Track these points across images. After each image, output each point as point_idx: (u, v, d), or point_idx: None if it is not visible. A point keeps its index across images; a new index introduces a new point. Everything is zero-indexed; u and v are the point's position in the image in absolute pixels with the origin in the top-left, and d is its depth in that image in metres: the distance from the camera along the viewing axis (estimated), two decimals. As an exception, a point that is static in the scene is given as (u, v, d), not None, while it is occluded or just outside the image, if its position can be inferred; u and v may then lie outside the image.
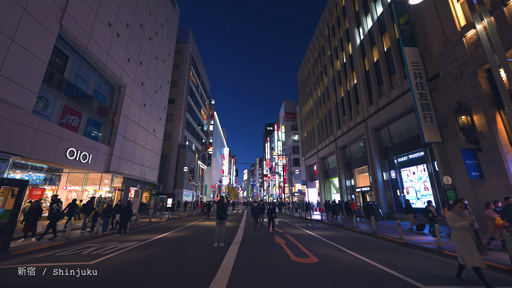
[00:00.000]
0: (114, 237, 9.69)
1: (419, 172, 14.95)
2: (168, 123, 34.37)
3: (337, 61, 26.94)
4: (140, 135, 23.62)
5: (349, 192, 24.03)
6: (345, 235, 10.73)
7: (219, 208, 8.27)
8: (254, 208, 12.78)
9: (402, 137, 16.49)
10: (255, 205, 12.99)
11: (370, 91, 19.81)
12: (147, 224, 14.17)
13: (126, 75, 21.04)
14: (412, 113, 15.30)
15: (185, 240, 8.77)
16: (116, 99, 20.84)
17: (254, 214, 12.63)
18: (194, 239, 9.17)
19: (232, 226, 13.43)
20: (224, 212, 8.22)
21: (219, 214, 8.15)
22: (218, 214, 8.17)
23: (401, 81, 15.50)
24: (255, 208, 12.72)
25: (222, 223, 8.13)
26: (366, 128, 19.76)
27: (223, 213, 8.18)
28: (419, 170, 14.95)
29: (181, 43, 39.76)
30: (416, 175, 15.17)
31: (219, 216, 8.14)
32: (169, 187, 31.81)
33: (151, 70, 26.15)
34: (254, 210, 12.64)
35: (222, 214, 8.15)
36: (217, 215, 8.19)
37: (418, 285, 4.31)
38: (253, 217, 12.61)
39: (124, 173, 20.79)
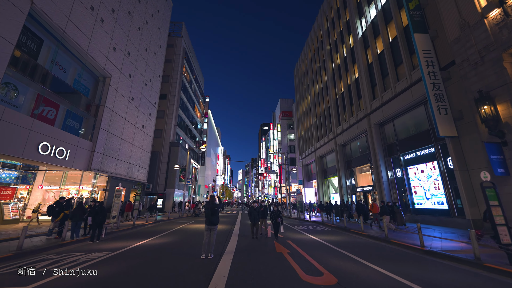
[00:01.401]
0: (83, 245, 8.16)
1: (428, 170, 13.82)
2: (159, 120, 32.68)
3: (336, 56, 25.80)
4: (127, 131, 21.96)
5: (349, 192, 22.87)
6: (354, 240, 9.44)
7: (209, 211, 6.80)
8: (252, 209, 9.83)
9: (409, 132, 15.36)
10: (254, 206, 9.97)
11: (373, 85, 18.67)
12: (130, 228, 12.64)
13: (111, 65, 19.38)
14: (421, 107, 14.18)
15: (167, 250, 7.31)
16: (100, 91, 19.18)
17: (253, 218, 9.67)
18: (178, 247, 7.72)
19: (224, 230, 12.02)
20: (216, 215, 6.77)
21: (209, 219, 6.71)
22: (208, 219, 6.73)
23: (409, 72, 14.36)
24: (254, 210, 9.82)
25: (212, 229, 6.69)
26: (369, 124, 18.61)
27: (214, 217, 6.73)
28: (428, 168, 13.82)
29: (173, 36, 38.09)
30: (425, 174, 14.04)
31: (209, 221, 6.70)
32: (159, 186, 30.14)
33: (140, 62, 24.50)
34: (253, 213, 9.72)
35: (213, 218, 6.69)
36: (207, 220, 6.75)
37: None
38: (251, 222, 9.70)
39: (108, 171, 19.14)
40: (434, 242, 8.20)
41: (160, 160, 31.17)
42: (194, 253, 6.85)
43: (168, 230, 12.17)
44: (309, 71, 35.16)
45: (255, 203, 10.53)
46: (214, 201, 7.01)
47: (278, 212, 9.92)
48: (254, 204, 10.26)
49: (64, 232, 8.30)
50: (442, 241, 8.38)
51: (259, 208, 10.21)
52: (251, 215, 9.80)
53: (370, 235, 10.16)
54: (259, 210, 10.12)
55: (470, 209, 10.53)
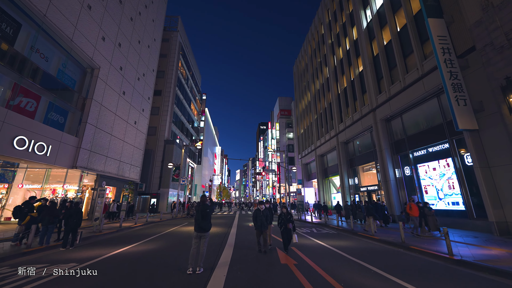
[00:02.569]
0: (52, 253, 6.93)
1: (441, 168, 12.75)
2: (154, 117, 31.42)
3: (339, 49, 24.72)
4: (118, 127, 20.68)
5: (352, 191, 21.80)
6: (367, 246, 8.31)
7: (198, 214, 5.55)
8: (258, 213, 7.31)
9: (419, 127, 14.29)
10: (262, 208, 7.50)
11: (379, 78, 17.60)
12: (115, 231, 11.39)
13: (100, 56, 18.10)
14: (433, 99, 13.11)
15: (148, 260, 6.09)
16: (88, 83, 17.88)
17: (259, 225, 7.14)
18: (162, 257, 6.50)
19: (218, 234, 10.84)
20: (207, 220, 5.53)
21: (199, 223, 5.46)
22: (198, 223, 5.48)
23: (421, 62, 13.29)
24: (261, 214, 7.29)
25: (203, 236, 5.46)
26: (375, 120, 17.53)
27: (205, 222, 5.48)
28: (441, 165, 12.76)
29: (169, 31, 36.80)
30: (438, 172, 12.98)
31: (198, 227, 5.45)
32: (153, 186, 28.84)
33: (132, 54, 23.21)
34: (259, 217, 7.22)
35: (203, 223, 5.45)
36: (196, 225, 5.51)
37: None
38: (257, 230, 7.23)
39: (96, 170, 17.86)
40: (460, 249, 7.09)
41: (154, 159, 29.89)
42: (180, 265, 5.66)
43: (157, 233, 10.95)
44: (309, 67, 34.07)
45: (262, 204, 7.61)
46: (205, 201, 5.81)
47: (289, 215, 7.36)
48: (261, 206, 7.54)
49: (30, 237, 7.07)
50: (469, 248, 7.27)
51: (267, 211, 7.57)
52: (256, 220, 7.23)
53: (383, 240, 9.04)
54: (268, 214, 7.51)
55: (493, 211, 9.46)
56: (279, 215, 7.52)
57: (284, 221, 7.28)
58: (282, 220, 7.35)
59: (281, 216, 7.44)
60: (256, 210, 7.53)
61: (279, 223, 7.40)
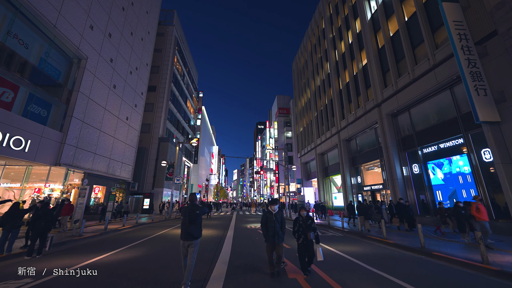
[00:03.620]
0: (12, 263, 5.80)
1: (455, 165, 11.83)
2: (148, 113, 30.20)
3: (340, 44, 23.80)
4: (107, 122, 19.48)
5: (354, 191, 20.87)
6: (382, 252, 7.31)
7: (186, 217, 4.52)
8: (269, 217, 5.19)
9: (429, 122, 13.37)
10: (274, 210, 5.30)
11: (385, 71, 16.67)
12: (98, 234, 10.25)
13: (88, 46, 16.91)
14: (446, 91, 12.19)
15: (125, 273, 4.99)
16: (75, 74, 16.68)
17: (270, 235, 5.04)
18: (144, 268, 5.40)
19: (213, 238, 9.77)
20: (196, 224, 4.48)
21: (187, 229, 4.39)
22: (185, 229, 4.44)
23: (432, 51, 12.36)
24: (272, 219, 5.15)
25: (191, 245, 4.38)
26: (380, 115, 16.60)
27: (194, 227, 4.42)
28: (455, 162, 11.83)
29: (164, 25, 35.60)
30: (450, 169, 12.05)
31: (185, 233, 4.40)
32: (147, 185, 27.63)
33: (124, 46, 22.01)
34: (270, 224, 5.12)
35: (191, 229, 4.38)
36: (183, 231, 4.47)
37: None
38: (267, 243, 5.11)
39: (83, 167, 16.68)
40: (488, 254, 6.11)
41: (148, 157, 28.67)
42: (164, 278, 4.59)
43: (145, 237, 9.84)
44: (309, 64, 33.12)
45: (274, 204, 5.37)
46: (194, 201, 4.75)
47: (309, 221, 5.11)
48: (272, 207, 5.31)
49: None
50: (502, 255, 6.30)
51: (281, 214, 5.36)
52: (267, 229, 5.07)
53: (397, 244, 8.05)
54: (283, 218, 5.31)
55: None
56: (295, 220, 5.30)
57: (303, 229, 5.02)
58: (300, 227, 5.09)
59: (298, 221, 5.19)
60: (267, 213, 5.23)
61: (295, 231, 5.16)
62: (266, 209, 5.36)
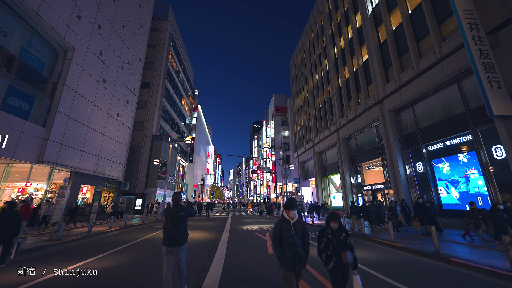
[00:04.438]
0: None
1: (462, 163, 11.23)
2: (141, 110, 29.20)
3: (340, 39, 23.18)
4: (96, 118, 18.50)
5: (354, 190, 20.25)
6: (394, 258, 6.61)
7: (169, 220, 3.93)
8: (285, 230, 3.35)
9: (434, 118, 12.77)
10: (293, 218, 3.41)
11: (387, 66, 16.06)
12: (80, 237, 9.35)
13: (75, 36, 15.93)
14: (453, 86, 11.59)
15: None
16: (60, 66, 15.69)
17: (290, 257, 3.22)
18: (123, 281, 4.61)
19: (205, 242, 8.98)
20: (180, 229, 3.86)
21: (170, 233, 3.80)
22: (167, 233, 3.84)
23: (438, 43, 11.75)
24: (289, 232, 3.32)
25: (177, 252, 3.79)
26: (382, 112, 15.98)
27: (178, 232, 3.81)
28: (462, 159, 11.24)
29: (158, 20, 34.58)
30: (457, 167, 11.45)
31: (168, 238, 3.82)
32: (139, 185, 26.63)
33: (115, 39, 21.02)
34: (288, 240, 3.28)
35: (175, 233, 3.78)
36: (165, 236, 3.87)
37: None
38: (284, 269, 3.24)
39: (69, 166, 15.71)
40: None
41: (141, 156, 27.67)
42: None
43: (131, 241, 8.97)
44: (307, 61, 32.48)
45: (292, 208, 3.45)
46: (177, 201, 4.03)
47: (342, 234, 3.27)
48: (290, 212, 3.43)
49: None
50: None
51: (301, 223, 3.50)
52: (283, 248, 3.31)
53: (407, 248, 7.36)
54: (305, 231, 3.48)
55: (535, 212, 7.92)
56: (320, 234, 3.39)
57: (333, 247, 3.19)
58: (329, 244, 3.24)
59: (325, 235, 3.32)
60: (281, 222, 3.40)
61: (321, 250, 3.30)
62: (282, 217, 3.46)
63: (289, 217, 3.38)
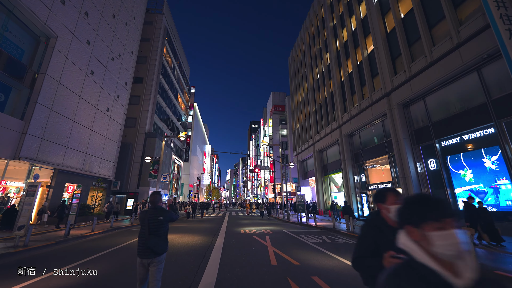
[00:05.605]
0: None
1: (483, 159, 10.21)
2: (134, 106, 27.88)
3: (342, 32, 22.14)
4: (83, 112, 17.21)
5: (358, 190, 19.20)
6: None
7: (145, 226, 3.14)
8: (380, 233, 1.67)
9: (449, 111, 11.75)
10: None
11: (394, 57, 15.04)
12: (54, 243, 8.12)
13: (58, 22, 14.65)
14: (472, 74, 10.57)
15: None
16: (42, 55, 14.41)
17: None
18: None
19: (197, 247, 7.82)
20: (159, 236, 3.15)
21: (146, 243, 3.07)
22: (143, 243, 3.11)
23: (456, 28, 10.72)
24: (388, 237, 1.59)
25: (154, 263, 3.09)
26: (390, 105, 14.96)
27: (156, 240, 3.09)
28: (483, 155, 10.22)
29: (153, 13, 33.27)
30: (477, 163, 10.43)
31: (144, 248, 3.10)
32: (131, 184, 25.32)
33: (104, 29, 19.72)
34: None
35: (152, 242, 3.06)
36: (141, 245, 3.14)
37: None
38: None
39: (51, 162, 14.42)
40: None
41: (133, 153, 26.36)
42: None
43: (110, 247, 7.76)
44: (307, 56, 31.42)
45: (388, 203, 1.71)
46: (156, 203, 3.12)
47: None
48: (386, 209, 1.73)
49: None
50: None
51: None
52: None
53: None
54: None
55: None
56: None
57: None
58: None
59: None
60: (379, 226, 1.72)
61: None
62: (376, 217, 1.79)
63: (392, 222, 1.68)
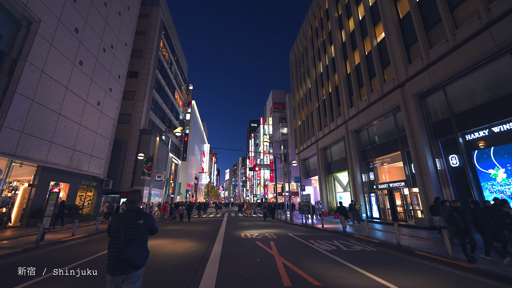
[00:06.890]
0: None
1: (516, 154, 9.01)
2: (128, 102, 26.54)
3: (348, 22, 20.92)
4: (70, 105, 15.88)
5: (366, 189, 17.98)
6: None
7: (120, 232, 2.19)
8: None
9: (475, 100, 10.54)
10: None
11: (408, 44, 13.82)
12: (20, 250, 6.83)
13: (41, 5, 13.33)
14: (505, 57, 9.35)
15: None
16: (23, 41, 13.09)
17: None
18: None
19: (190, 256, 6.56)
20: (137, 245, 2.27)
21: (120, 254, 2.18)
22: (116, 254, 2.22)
23: (486, 5, 9.50)
24: None
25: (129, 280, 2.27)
26: (403, 97, 13.74)
27: (133, 250, 2.21)
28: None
29: (149, 5, 31.91)
30: (509, 159, 9.23)
31: (117, 261, 2.24)
32: (125, 183, 23.99)
33: (94, 17, 18.39)
34: None
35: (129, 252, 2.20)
36: (112, 258, 2.25)
37: None
38: None
39: (33, 159, 13.11)
40: None
41: (127, 151, 25.03)
42: None
43: (88, 256, 6.48)
44: (309, 50, 30.18)
45: None
46: (135, 202, 2.21)
47: None
48: None
49: None
50: None
51: None
52: None
53: (488, 272, 5.03)
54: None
55: None
56: None
57: None
58: None
59: None
60: None
61: None
62: None
63: None
